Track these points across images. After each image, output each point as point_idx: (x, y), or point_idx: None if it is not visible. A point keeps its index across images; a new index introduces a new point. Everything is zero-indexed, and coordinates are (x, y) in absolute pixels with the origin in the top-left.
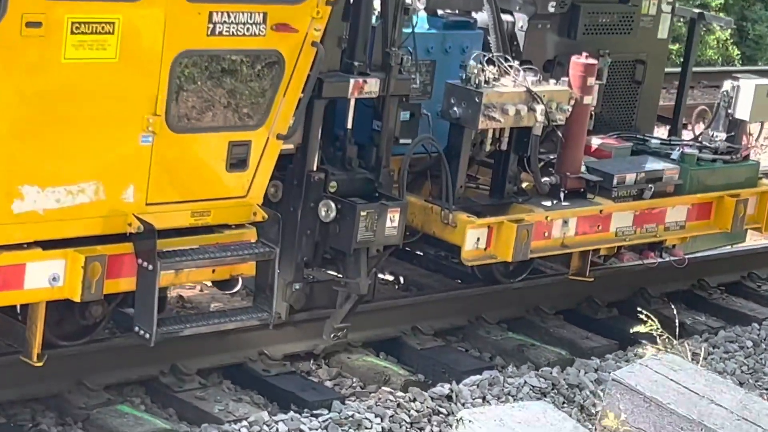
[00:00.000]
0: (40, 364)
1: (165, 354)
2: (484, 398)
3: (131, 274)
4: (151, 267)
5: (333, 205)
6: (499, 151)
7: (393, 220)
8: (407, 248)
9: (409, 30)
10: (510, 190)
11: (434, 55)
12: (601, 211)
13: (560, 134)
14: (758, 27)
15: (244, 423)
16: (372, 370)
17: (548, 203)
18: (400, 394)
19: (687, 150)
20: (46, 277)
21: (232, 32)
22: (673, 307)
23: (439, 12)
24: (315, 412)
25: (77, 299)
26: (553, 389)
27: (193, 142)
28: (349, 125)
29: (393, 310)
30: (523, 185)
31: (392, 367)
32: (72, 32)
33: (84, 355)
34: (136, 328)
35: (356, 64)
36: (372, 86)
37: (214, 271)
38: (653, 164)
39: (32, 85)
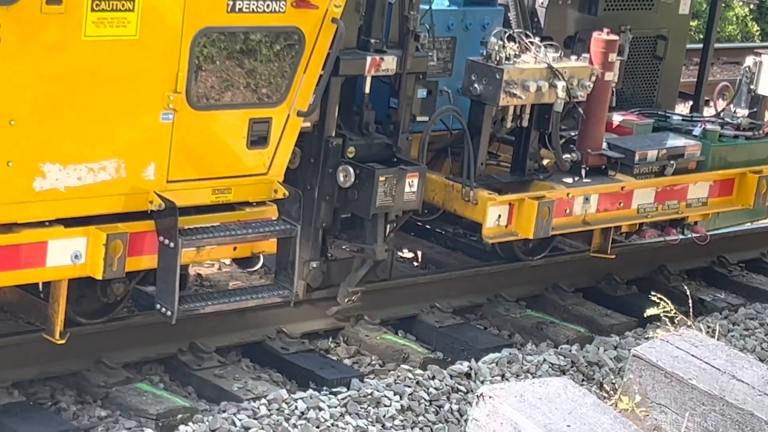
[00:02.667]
0: (62, 341)
1: (184, 332)
2: (503, 376)
3: (152, 252)
4: (172, 244)
5: (351, 170)
6: (520, 128)
7: (412, 184)
8: (426, 226)
9: (427, 6)
10: (531, 167)
11: (454, 31)
12: (622, 188)
13: (581, 111)
14: None
15: (263, 401)
16: (391, 348)
17: (569, 180)
18: (419, 371)
19: (709, 126)
20: (68, 254)
21: (252, 9)
22: (693, 284)
23: None
24: (334, 390)
25: (99, 277)
26: (572, 367)
27: (213, 119)
28: (367, 90)
29: (411, 288)
30: (544, 162)
31: (411, 345)
32: (92, 9)
33: (103, 333)
34: (158, 306)
35: (373, 41)
36: (389, 63)
37: (235, 248)
38: (675, 141)
39: (53, 62)
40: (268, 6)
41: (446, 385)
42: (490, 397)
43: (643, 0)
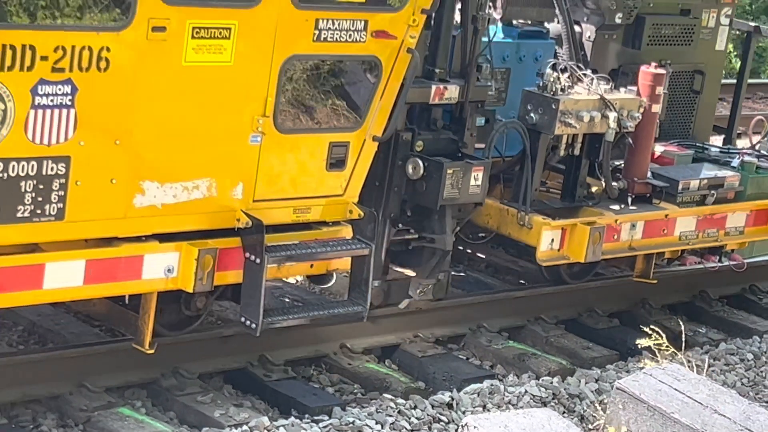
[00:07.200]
0: (151, 351)
1: (166, 357)
2: (484, 407)
3: (237, 267)
4: (258, 260)
5: (420, 163)
6: (572, 156)
7: (477, 178)
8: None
9: (487, 39)
10: (581, 193)
11: (509, 63)
12: (666, 216)
13: (630, 141)
14: None
15: (245, 428)
16: (373, 377)
17: (616, 207)
18: (400, 401)
19: (747, 158)
20: (162, 268)
21: (336, 38)
22: (674, 318)
23: (514, 22)
24: (316, 417)
25: (190, 290)
26: (553, 399)
27: (297, 142)
28: None
29: (394, 318)
30: (592, 189)
31: (393, 374)
32: (192, 36)
33: (85, 357)
34: (243, 319)
35: (437, 71)
36: (452, 92)
37: (312, 265)
38: (715, 171)
39: (155, 86)
40: (350, 36)
41: (428, 414)
42: (474, 426)
43: (683, 36)
